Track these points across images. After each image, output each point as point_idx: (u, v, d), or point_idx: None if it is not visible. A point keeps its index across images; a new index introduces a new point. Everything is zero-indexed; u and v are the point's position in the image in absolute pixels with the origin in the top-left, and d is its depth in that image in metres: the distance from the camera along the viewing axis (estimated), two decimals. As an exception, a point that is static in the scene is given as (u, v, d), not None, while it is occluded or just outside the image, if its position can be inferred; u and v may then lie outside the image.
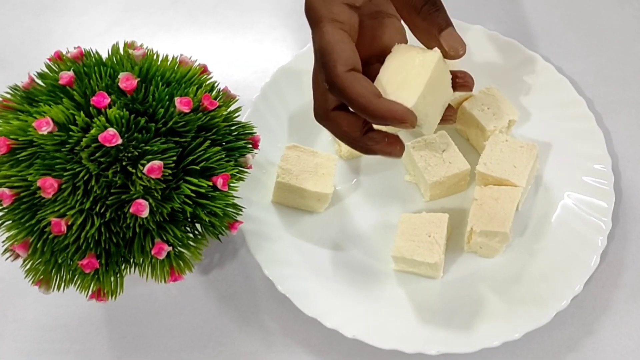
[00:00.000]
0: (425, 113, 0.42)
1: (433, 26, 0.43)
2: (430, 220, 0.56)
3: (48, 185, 0.44)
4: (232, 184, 0.49)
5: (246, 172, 0.52)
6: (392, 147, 0.43)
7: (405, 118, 0.41)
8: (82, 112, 0.45)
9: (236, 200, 0.51)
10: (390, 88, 0.42)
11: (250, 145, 0.52)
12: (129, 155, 0.45)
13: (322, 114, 0.45)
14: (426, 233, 0.56)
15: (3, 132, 0.46)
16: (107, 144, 0.43)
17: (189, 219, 0.49)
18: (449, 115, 0.47)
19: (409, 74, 0.42)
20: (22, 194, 0.45)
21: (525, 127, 0.64)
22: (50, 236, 0.45)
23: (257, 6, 0.76)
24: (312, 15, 0.44)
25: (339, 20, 0.44)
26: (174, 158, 0.46)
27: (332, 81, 0.42)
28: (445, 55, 0.43)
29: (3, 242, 0.47)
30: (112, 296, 0.49)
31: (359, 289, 0.57)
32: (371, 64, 0.46)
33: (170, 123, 0.47)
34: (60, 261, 0.47)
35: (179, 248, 0.49)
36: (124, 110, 0.46)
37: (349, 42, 0.43)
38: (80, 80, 0.47)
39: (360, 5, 0.45)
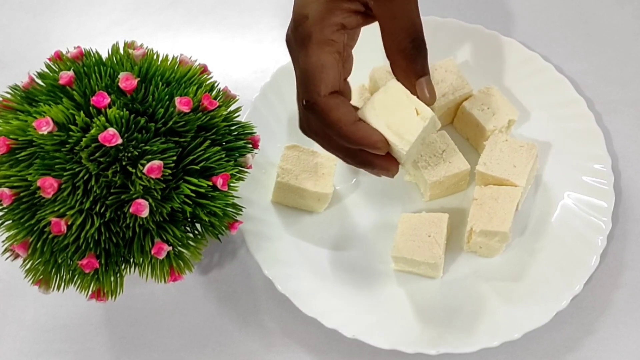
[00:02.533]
0: (410, 153, 0.46)
1: (412, 71, 0.45)
2: (430, 220, 0.56)
3: (48, 185, 0.44)
4: (231, 184, 0.49)
5: (246, 172, 0.52)
6: (390, 163, 0.46)
7: (378, 145, 0.44)
8: (81, 112, 0.45)
9: (236, 200, 0.51)
10: (385, 127, 0.45)
11: (250, 145, 0.52)
12: (129, 155, 0.45)
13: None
14: (426, 233, 0.56)
15: (3, 132, 0.45)
16: (107, 144, 0.43)
17: (189, 219, 0.49)
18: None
19: (406, 123, 0.45)
20: (22, 194, 0.45)
21: (525, 127, 0.64)
22: (50, 236, 0.45)
23: (257, 6, 0.76)
24: (301, 35, 0.44)
25: (332, 39, 0.44)
26: (174, 158, 0.46)
27: (314, 103, 0.43)
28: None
29: (3, 242, 0.47)
30: (112, 296, 0.49)
31: (359, 289, 0.57)
32: None
33: (170, 123, 0.47)
34: (60, 261, 0.47)
35: (179, 248, 0.49)
36: (124, 110, 0.46)
37: (335, 64, 0.44)
38: (80, 80, 0.47)
39: (352, 28, 0.46)
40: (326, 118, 0.43)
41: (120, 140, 0.44)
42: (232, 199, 0.50)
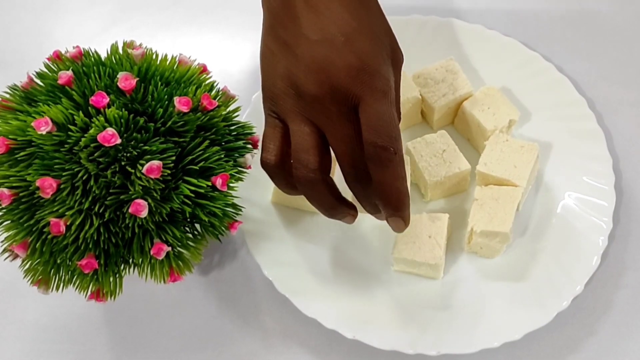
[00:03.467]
0: None
1: None
2: (431, 220, 0.56)
3: (47, 186, 0.44)
4: (231, 184, 0.49)
5: (245, 172, 0.52)
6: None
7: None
8: (81, 112, 0.45)
9: (236, 201, 0.51)
10: None
11: (250, 145, 0.52)
12: (128, 155, 0.45)
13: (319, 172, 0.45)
14: (427, 234, 0.55)
15: (2, 132, 0.45)
16: (106, 144, 0.43)
17: (188, 219, 0.49)
18: None
19: None
20: (21, 194, 0.45)
21: (526, 127, 0.63)
22: (49, 236, 0.45)
23: (258, 6, 0.75)
24: (383, 84, 0.42)
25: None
26: (173, 158, 0.46)
27: (394, 152, 0.41)
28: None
29: (2, 242, 0.47)
30: (111, 297, 0.49)
31: (359, 290, 0.57)
32: None
33: (169, 123, 0.47)
34: (59, 261, 0.47)
35: (178, 248, 0.49)
36: (123, 110, 0.46)
37: None
38: (79, 80, 0.47)
39: None
40: (400, 170, 0.42)
41: (119, 140, 0.44)
42: (232, 199, 0.50)
